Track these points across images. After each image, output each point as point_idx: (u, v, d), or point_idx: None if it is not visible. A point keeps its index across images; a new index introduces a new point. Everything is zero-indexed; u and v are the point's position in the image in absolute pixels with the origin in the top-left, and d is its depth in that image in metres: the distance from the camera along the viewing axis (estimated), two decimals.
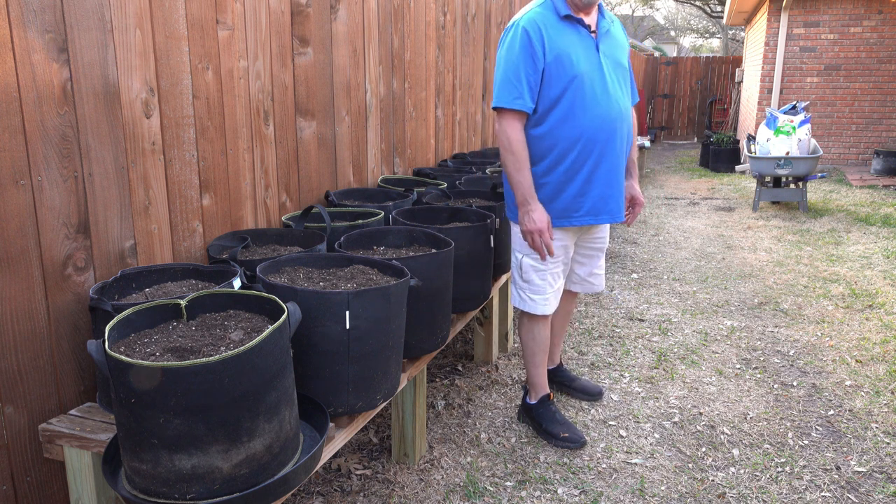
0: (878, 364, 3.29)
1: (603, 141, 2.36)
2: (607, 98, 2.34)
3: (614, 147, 2.39)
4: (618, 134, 2.39)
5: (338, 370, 1.78)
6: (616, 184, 2.46)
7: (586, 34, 2.35)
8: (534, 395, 2.71)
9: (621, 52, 2.47)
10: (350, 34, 3.15)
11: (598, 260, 2.73)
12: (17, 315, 1.70)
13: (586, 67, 2.31)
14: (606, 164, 2.39)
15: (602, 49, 2.38)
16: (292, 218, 2.69)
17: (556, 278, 2.57)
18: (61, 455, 1.69)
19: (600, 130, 2.34)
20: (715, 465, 2.47)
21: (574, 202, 2.43)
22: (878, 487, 2.33)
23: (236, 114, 2.44)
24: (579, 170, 2.38)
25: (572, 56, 2.30)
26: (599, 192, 2.42)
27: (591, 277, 2.75)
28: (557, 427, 2.61)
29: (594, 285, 2.77)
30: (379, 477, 2.41)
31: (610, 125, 2.35)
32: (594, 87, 2.32)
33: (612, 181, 2.43)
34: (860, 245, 5.61)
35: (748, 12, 12.07)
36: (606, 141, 2.36)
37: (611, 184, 2.43)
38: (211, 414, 1.33)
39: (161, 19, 2.07)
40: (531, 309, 2.58)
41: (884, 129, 9.97)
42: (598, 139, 2.35)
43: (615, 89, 2.38)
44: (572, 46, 2.31)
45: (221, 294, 1.68)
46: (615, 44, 2.45)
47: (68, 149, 1.81)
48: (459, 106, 4.77)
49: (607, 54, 2.39)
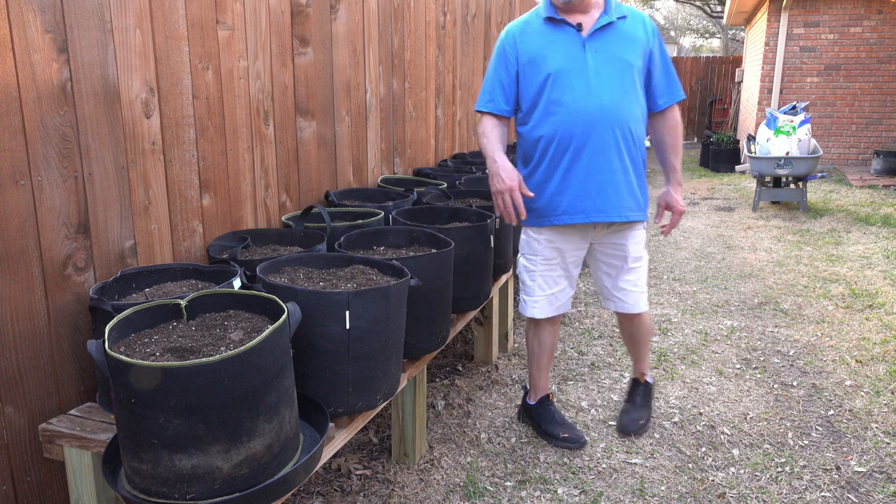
0: (878, 364, 3.29)
1: (579, 136, 2.32)
2: (586, 94, 2.31)
3: (594, 143, 2.32)
4: (597, 129, 2.31)
5: (338, 370, 1.78)
6: (597, 182, 2.35)
7: (573, 33, 2.35)
8: (533, 396, 2.71)
9: (624, 48, 2.36)
10: (350, 34, 3.15)
11: (624, 272, 2.51)
12: (17, 315, 1.70)
13: (564, 65, 2.32)
14: (584, 161, 2.34)
15: (592, 46, 2.33)
16: (292, 218, 2.69)
17: (547, 282, 2.52)
18: (61, 455, 1.69)
19: (575, 125, 2.32)
20: (715, 465, 2.47)
21: (552, 201, 2.41)
22: (878, 487, 2.33)
23: (236, 114, 2.44)
24: (556, 167, 2.38)
25: (547, 56, 2.34)
26: (576, 190, 2.37)
27: (620, 293, 2.54)
28: (557, 428, 2.61)
29: (626, 303, 2.54)
30: (379, 477, 2.41)
31: (587, 120, 2.31)
32: (572, 83, 2.32)
33: (590, 179, 2.35)
34: (860, 245, 5.61)
35: (748, 12, 12.07)
36: (583, 136, 2.32)
37: (588, 182, 2.35)
38: (211, 414, 1.33)
39: (161, 19, 2.07)
40: (521, 310, 2.60)
41: (884, 129, 9.97)
42: (574, 134, 2.33)
43: (600, 85, 2.31)
44: (550, 47, 2.35)
45: (221, 294, 1.68)
46: (617, 39, 2.36)
47: (68, 149, 1.81)
48: (459, 106, 4.77)
49: (600, 50, 2.33)
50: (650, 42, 2.41)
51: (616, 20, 2.38)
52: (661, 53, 2.45)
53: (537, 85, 2.36)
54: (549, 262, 2.51)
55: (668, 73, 2.46)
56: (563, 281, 2.55)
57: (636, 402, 2.74)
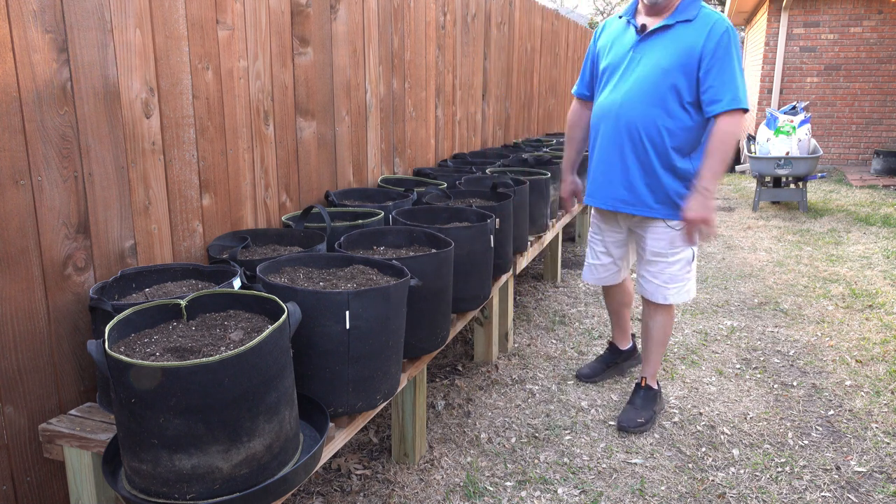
0: (878, 364, 3.29)
1: (600, 130, 2.60)
2: (615, 91, 2.53)
3: (609, 137, 2.55)
4: (612, 125, 2.53)
5: (338, 370, 1.78)
6: (608, 174, 2.60)
7: (633, 33, 2.52)
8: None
9: (666, 54, 2.38)
10: (350, 34, 3.15)
11: (645, 262, 2.67)
12: (17, 315, 1.70)
13: (611, 63, 2.57)
14: (602, 153, 2.61)
15: (640, 47, 2.47)
16: (292, 218, 2.69)
17: (594, 252, 2.87)
18: (61, 455, 1.69)
19: (600, 119, 2.61)
20: (715, 465, 2.47)
21: (589, 181, 2.74)
22: (878, 487, 2.33)
23: (236, 114, 2.44)
24: (590, 154, 2.72)
25: (607, 52, 2.61)
26: (595, 176, 2.67)
27: (640, 277, 2.72)
28: (592, 361, 3.19)
29: (644, 288, 2.71)
30: (379, 477, 2.41)
31: (607, 115, 2.55)
32: (611, 79, 2.56)
33: (604, 170, 2.62)
34: (860, 245, 5.61)
35: (748, 12, 12.07)
36: (603, 130, 2.58)
37: (602, 172, 2.62)
38: (211, 414, 1.33)
39: (161, 19, 2.07)
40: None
41: (884, 129, 9.97)
42: (598, 127, 2.62)
43: (629, 85, 2.48)
44: (613, 43, 2.59)
45: (221, 294, 1.68)
46: (665, 44, 2.40)
47: (68, 149, 1.81)
48: (459, 106, 4.77)
49: (644, 52, 2.46)
50: (707, 47, 2.34)
51: (677, 24, 2.39)
52: (721, 61, 2.33)
53: (598, 76, 2.68)
54: (594, 236, 2.87)
55: (723, 82, 2.33)
56: (604, 258, 2.84)
57: (636, 404, 2.77)
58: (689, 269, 2.63)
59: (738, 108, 2.33)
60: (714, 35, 2.34)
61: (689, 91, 2.40)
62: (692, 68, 2.37)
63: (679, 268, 2.61)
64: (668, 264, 2.61)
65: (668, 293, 2.63)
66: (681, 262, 2.60)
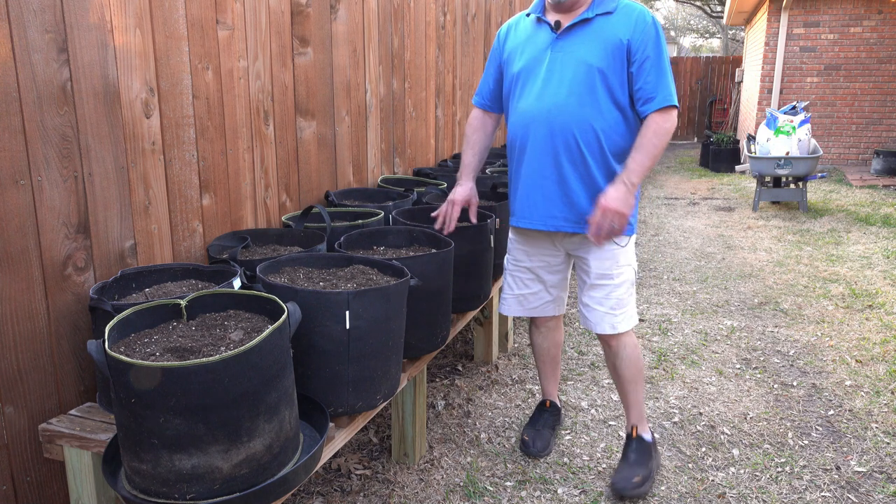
0: (878, 364, 3.29)
1: (523, 139, 2.25)
2: (536, 95, 2.21)
3: (537, 147, 2.22)
4: (542, 133, 2.20)
5: (338, 370, 1.78)
6: (543, 188, 2.24)
7: (547, 32, 2.23)
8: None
9: (590, 49, 2.15)
10: (350, 34, 3.15)
11: (587, 287, 2.35)
12: (17, 315, 1.70)
13: (525, 66, 2.25)
14: (532, 166, 2.25)
15: (558, 46, 2.18)
16: (292, 218, 2.69)
17: (516, 282, 2.49)
18: (61, 455, 1.69)
19: (521, 127, 2.26)
20: (715, 465, 2.47)
21: (513, 200, 2.38)
22: (878, 487, 2.33)
23: (236, 114, 2.44)
24: (512, 170, 2.36)
25: (518, 54, 2.29)
26: (523, 192, 2.30)
27: (583, 308, 2.38)
28: (526, 429, 2.63)
29: (588, 320, 2.37)
30: (379, 477, 2.41)
31: (535, 122, 2.21)
32: (528, 84, 2.24)
33: (538, 185, 2.25)
34: (860, 245, 5.61)
35: (748, 12, 12.07)
36: (532, 140, 2.23)
37: (536, 187, 2.26)
38: (211, 414, 1.33)
39: (161, 19, 2.07)
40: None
41: (884, 129, 9.97)
42: (518, 136, 2.27)
43: (548, 88, 2.19)
44: (524, 45, 2.28)
45: (221, 294, 1.68)
46: (587, 39, 2.17)
47: (68, 149, 1.81)
48: (459, 106, 4.77)
49: (564, 50, 2.17)
50: (634, 41, 2.13)
51: (596, 17, 2.16)
52: (651, 58, 2.14)
53: (509, 82, 2.33)
54: (518, 263, 2.48)
55: (656, 79, 2.14)
56: (534, 284, 2.47)
57: (629, 460, 2.36)
58: (632, 291, 2.35)
59: (671, 105, 2.15)
60: (640, 28, 2.14)
61: (620, 87, 2.17)
62: (621, 63, 2.15)
63: (624, 290, 2.31)
64: (614, 287, 2.30)
65: (616, 321, 2.31)
66: (625, 283, 2.31)
